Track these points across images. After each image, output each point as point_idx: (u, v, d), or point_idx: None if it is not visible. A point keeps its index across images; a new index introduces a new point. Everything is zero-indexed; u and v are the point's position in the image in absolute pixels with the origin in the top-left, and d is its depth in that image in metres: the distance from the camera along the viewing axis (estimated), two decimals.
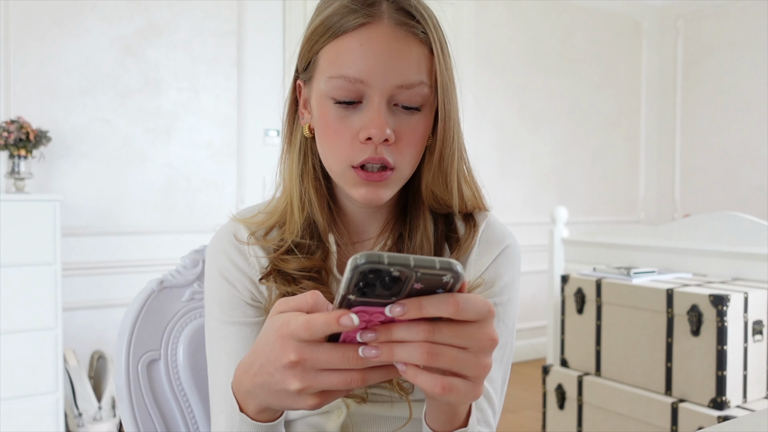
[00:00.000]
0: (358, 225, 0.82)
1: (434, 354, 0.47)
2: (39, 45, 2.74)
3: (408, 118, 0.71)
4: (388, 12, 0.69)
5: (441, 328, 0.47)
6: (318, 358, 0.49)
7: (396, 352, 0.48)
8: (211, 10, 3.13)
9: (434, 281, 0.46)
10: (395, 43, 0.68)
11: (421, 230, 0.78)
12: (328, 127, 0.71)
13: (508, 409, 3.16)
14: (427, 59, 0.71)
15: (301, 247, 0.77)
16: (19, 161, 2.53)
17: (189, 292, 0.95)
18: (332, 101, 0.70)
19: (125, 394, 0.89)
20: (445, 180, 0.76)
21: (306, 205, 0.78)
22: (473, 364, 0.49)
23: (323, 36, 0.71)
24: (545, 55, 4.36)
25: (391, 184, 0.73)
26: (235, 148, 3.22)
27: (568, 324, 2.50)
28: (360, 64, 0.68)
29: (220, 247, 0.80)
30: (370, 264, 0.43)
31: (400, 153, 0.71)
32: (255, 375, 0.56)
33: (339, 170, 0.73)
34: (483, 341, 0.49)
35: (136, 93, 2.96)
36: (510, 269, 0.81)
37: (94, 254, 2.87)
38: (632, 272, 2.30)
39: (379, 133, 0.68)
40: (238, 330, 0.76)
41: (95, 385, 2.71)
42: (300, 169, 0.78)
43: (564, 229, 2.86)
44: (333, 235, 0.78)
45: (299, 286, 0.75)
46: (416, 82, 0.69)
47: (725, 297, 1.97)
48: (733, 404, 2.00)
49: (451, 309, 0.46)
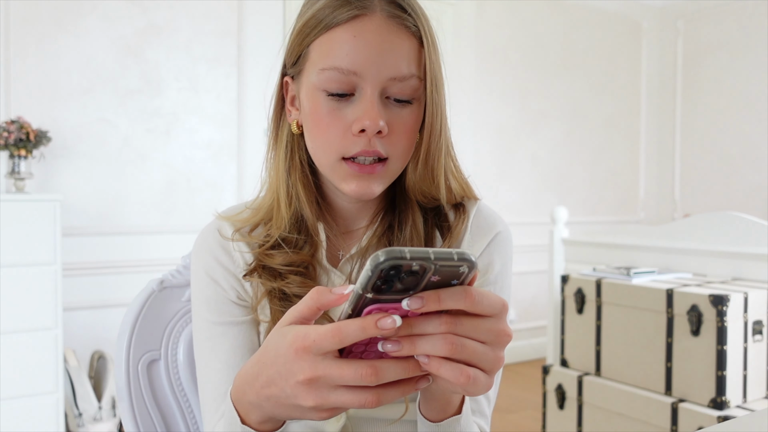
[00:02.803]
0: (347, 219, 0.81)
1: (458, 345, 0.47)
2: (39, 45, 2.74)
3: (399, 111, 0.71)
4: (380, 5, 0.69)
5: (462, 320, 0.48)
6: (332, 375, 0.48)
7: (419, 345, 0.47)
8: (211, 10, 3.13)
9: (451, 273, 0.45)
10: (388, 36, 0.69)
11: (410, 222, 0.78)
12: (319, 120, 0.71)
13: (509, 409, 3.16)
14: (417, 52, 0.71)
15: (287, 242, 0.77)
16: (19, 161, 2.53)
17: (189, 292, 0.95)
18: (324, 93, 0.70)
19: (125, 394, 0.89)
20: (432, 175, 0.76)
21: (293, 199, 0.77)
22: (491, 357, 0.49)
23: (315, 28, 0.70)
24: (545, 55, 4.36)
25: (382, 178, 0.73)
26: (235, 148, 3.22)
27: (568, 324, 2.50)
28: (353, 56, 0.68)
29: (205, 245, 0.80)
30: (392, 260, 0.42)
31: (393, 145, 0.71)
32: (263, 387, 0.54)
33: (329, 163, 0.72)
34: (499, 335, 0.49)
35: (136, 93, 2.96)
36: (502, 255, 0.81)
37: (94, 254, 2.87)
38: (632, 272, 2.30)
39: (372, 125, 0.68)
40: (226, 330, 0.76)
41: (95, 385, 2.71)
42: (287, 164, 0.77)
43: (564, 229, 2.86)
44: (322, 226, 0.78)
45: (285, 281, 0.75)
46: (408, 74, 0.70)
47: (725, 297, 1.97)
48: (733, 404, 2.00)
49: (468, 302, 0.47)
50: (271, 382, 0.53)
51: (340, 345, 0.47)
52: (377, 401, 0.49)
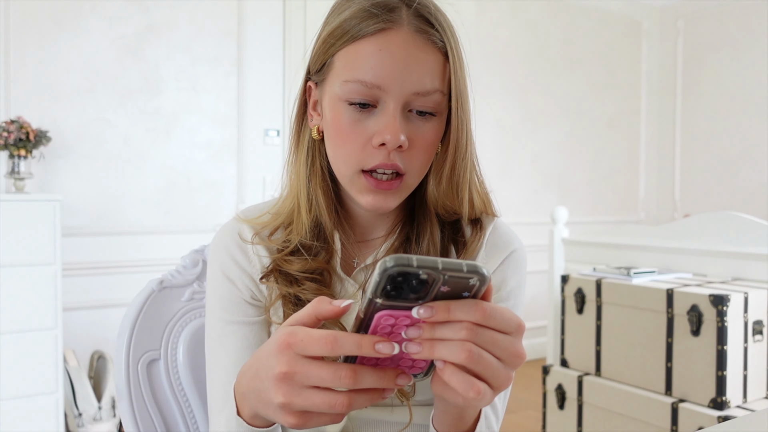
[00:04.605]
0: (365, 227, 0.81)
1: (476, 355, 0.47)
2: (39, 45, 2.74)
3: (421, 125, 0.71)
4: (407, 18, 0.69)
5: (483, 331, 0.48)
6: (308, 373, 0.49)
7: (437, 350, 0.48)
8: (211, 10, 3.13)
9: (461, 284, 0.46)
10: (413, 50, 0.68)
11: (428, 235, 0.78)
12: (340, 131, 0.71)
13: (508, 409, 3.16)
14: (442, 67, 0.70)
15: (306, 249, 0.77)
16: (19, 161, 2.53)
17: (189, 292, 0.95)
18: (346, 104, 0.70)
19: (125, 394, 0.89)
20: (456, 190, 0.76)
21: (314, 206, 0.77)
22: (503, 375, 0.49)
23: (340, 39, 0.70)
24: (545, 55, 4.36)
25: (399, 192, 0.73)
26: (235, 148, 3.22)
27: (568, 324, 2.50)
28: (377, 70, 0.68)
29: (222, 245, 0.80)
30: (400, 267, 0.43)
31: (411, 160, 0.71)
32: (251, 379, 0.56)
33: (348, 174, 0.72)
34: (514, 355, 0.49)
35: (136, 93, 2.96)
36: (516, 274, 0.81)
37: (94, 254, 2.87)
38: (632, 272, 2.30)
39: (393, 140, 0.68)
40: (237, 329, 0.76)
41: (95, 385, 2.71)
42: (308, 170, 0.78)
43: (564, 229, 2.86)
44: (338, 234, 0.78)
45: (301, 287, 0.75)
46: (432, 89, 0.69)
47: (725, 297, 1.97)
48: (733, 404, 2.00)
49: (479, 315, 0.47)
50: (257, 375, 0.54)
51: (329, 353, 0.48)
52: (349, 405, 0.49)
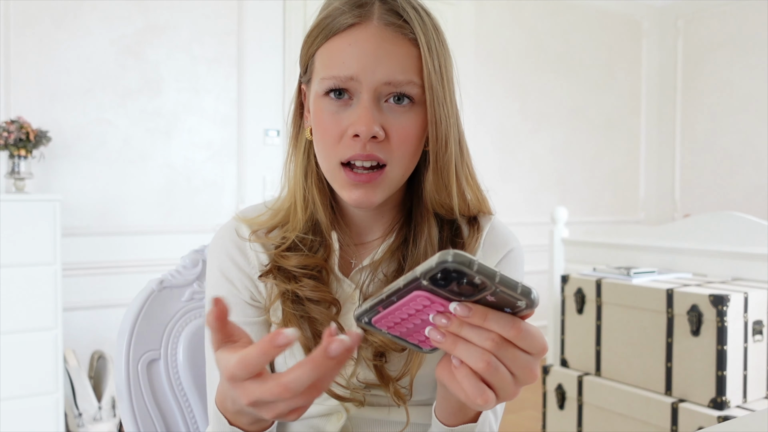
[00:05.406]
0: (362, 228, 0.81)
1: (493, 367, 0.48)
2: (39, 45, 2.74)
3: (399, 116, 0.71)
4: (378, 13, 0.70)
5: (508, 346, 0.48)
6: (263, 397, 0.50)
7: (459, 349, 0.48)
8: (211, 10, 3.13)
9: (507, 301, 0.46)
10: (383, 43, 0.69)
11: (425, 236, 0.77)
12: (320, 125, 0.72)
13: (509, 409, 3.16)
14: (416, 59, 0.71)
15: (303, 244, 0.77)
16: (19, 161, 2.53)
17: (189, 292, 0.95)
18: (325, 100, 0.71)
19: (125, 394, 0.89)
20: (445, 183, 0.75)
21: (309, 203, 0.78)
22: (512, 390, 0.50)
23: (317, 38, 0.72)
24: (545, 55, 4.36)
25: (381, 186, 0.72)
26: (235, 148, 3.22)
27: (568, 324, 2.50)
28: (349, 63, 0.69)
29: (221, 245, 0.81)
30: (458, 265, 0.43)
31: (391, 151, 0.71)
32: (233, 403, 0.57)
33: (330, 169, 0.73)
34: (529, 375, 0.50)
35: (136, 93, 2.96)
36: (514, 273, 0.81)
37: (94, 254, 2.87)
38: (632, 272, 2.30)
39: (366, 130, 0.68)
40: None
41: (95, 385, 2.71)
42: (304, 169, 0.78)
43: (564, 229, 2.86)
44: (336, 233, 0.79)
45: (299, 284, 0.75)
46: (404, 81, 0.70)
47: (725, 297, 1.97)
48: (733, 404, 2.00)
49: (513, 333, 0.47)
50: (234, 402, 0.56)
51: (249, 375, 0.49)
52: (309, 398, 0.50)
